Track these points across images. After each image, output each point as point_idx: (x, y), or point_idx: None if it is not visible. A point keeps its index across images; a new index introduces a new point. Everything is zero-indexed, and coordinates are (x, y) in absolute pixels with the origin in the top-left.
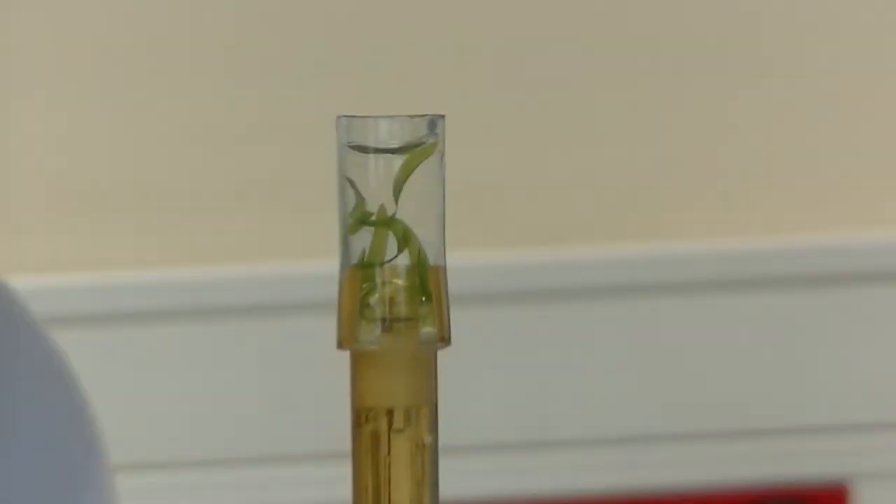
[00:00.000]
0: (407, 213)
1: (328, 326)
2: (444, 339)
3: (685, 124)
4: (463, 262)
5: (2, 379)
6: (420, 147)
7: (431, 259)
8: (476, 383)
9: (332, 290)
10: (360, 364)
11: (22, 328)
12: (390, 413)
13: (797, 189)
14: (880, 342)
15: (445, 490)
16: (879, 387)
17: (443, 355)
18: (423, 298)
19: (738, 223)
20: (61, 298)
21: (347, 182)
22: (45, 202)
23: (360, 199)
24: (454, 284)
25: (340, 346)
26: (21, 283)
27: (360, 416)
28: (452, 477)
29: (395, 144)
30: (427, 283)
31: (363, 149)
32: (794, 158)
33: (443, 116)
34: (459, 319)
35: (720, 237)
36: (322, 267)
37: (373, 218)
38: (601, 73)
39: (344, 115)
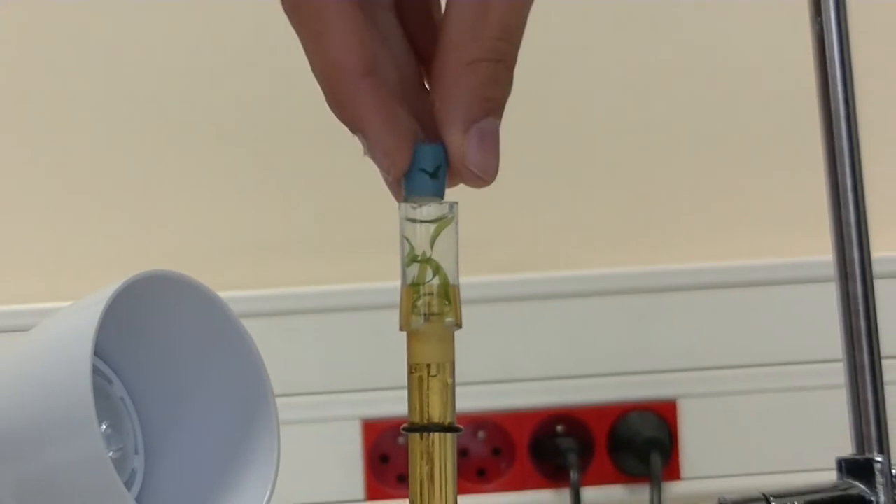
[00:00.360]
0: (437, 255)
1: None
2: (459, 325)
3: None
4: (464, 280)
5: (193, 344)
6: (444, 219)
7: (451, 280)
8: (473, 350)
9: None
10: (411, 339)
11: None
12: (428, 366)
13: None
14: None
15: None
16: (698, 340)
17: (457, 334)
18: (447, 302)
19: None
20: None
21: (405, 238)
22: None
23: (412, 248)
24: (463, 294)
25: (401, 328)
26: None
27: (411, 368)
28: (460, 400)
29: (430, 218)
30: (448, 293)
31: (413, 220)
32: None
33: (456, 203)
34: (466, 313)
35: None
36: (392, 286)
37: (419, 258)
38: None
39: (403, 202)
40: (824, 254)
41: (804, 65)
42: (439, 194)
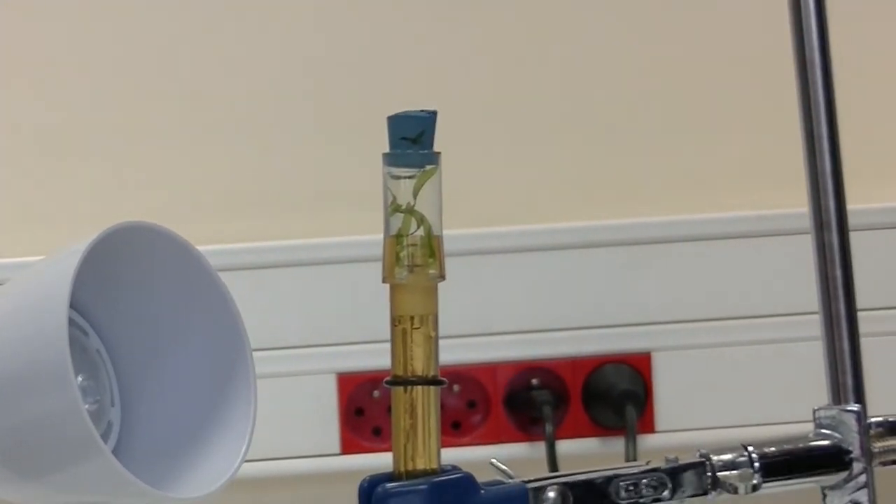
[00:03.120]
0: (421, 206)
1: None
2: (442, 277)
3: None
4: (447, 233)
5: (175, 298)
6: (427, 169)
7: (435, 231)
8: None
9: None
10: (395, 291)
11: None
12: (412, 318)
13: None
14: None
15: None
16: (673, 293)
17: (440, 285)
18: (431, 254)
19: None
20: None
21: (389, 190)
22: None
23: (395, 198)
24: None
25: (384, 280)
26: None
27: (395, 320)
28: (443, 353)
29: (414, 171)
30: (432, 245)
31: (396, 175)
32: None
33: (439, 153)
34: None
35: None
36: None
37: (402, 208)
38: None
39: (385, 153)
40: (800, 206)
41: (780, 20)
42: (426, 161)
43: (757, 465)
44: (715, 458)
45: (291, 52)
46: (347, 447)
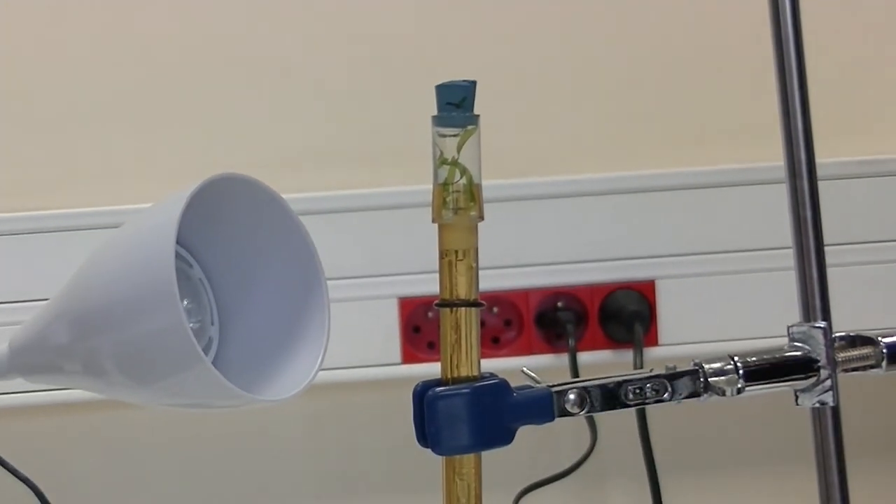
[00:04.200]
0: (464, 159)
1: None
2: (481, 218)
3: None
4: (486, 182)
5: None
6: (468, 129)
7: (475, 180)
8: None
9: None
10: (442, 229)
11: (269, 201)
12: (456, 252)
13: None
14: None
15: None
16: (673, 231)
17: (480, 225)
18: (472, 199)
19: None
20: None
21: (437, 147)
22: None
23: (442, 153)
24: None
25: (433, 221)
26: None
27: (442, 254)
28: (484, 281)
29: (457, 131)
30: (473, 192)
31: (443, 133)
32: None
33: (479, 115)
34: (487, 209)
35: None
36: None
37: (448, 161)
38: None
39: (433, 115)
40: (776, 160)
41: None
42: (468, 122)
43: (741, 372)
44: (707, 366)
45: (360, 34)
46: (407, 358)
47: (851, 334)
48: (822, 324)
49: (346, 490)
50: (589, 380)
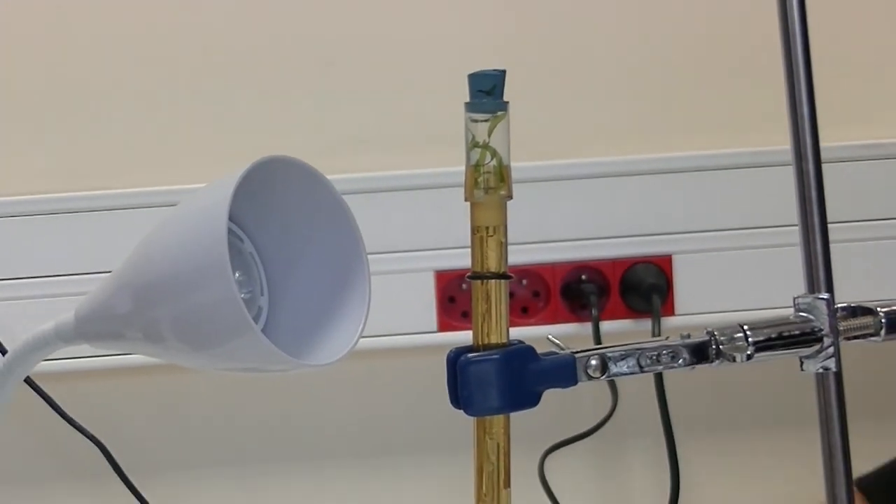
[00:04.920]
0: (494, 143)
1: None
2: (510, 196)
3: None
4: (515, 164)
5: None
6: (498, 115)
7: (504, 162)
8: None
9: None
10: (474, 207)
11: (317, 182)
12: (487, 228)
13: None
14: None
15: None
16: (689, 210)
17: (508, 204)
18: (501, 179)
19: None
20: None
21: (469, 131)
22: None
23: (474, 137)
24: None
25: (466, 199)
26: None
27: (474, 230)
28: (509, 255)
29: (488, 116)
30: (502, 172)
31: (475, 119)
32: None
33: (508, 102)
34: (516, 189)
35: None
36: (459, 168)
37: (479, 144)
38: None
39: (466, 102)
40: (784, 144)
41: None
42: (498, 108)
43: (750, 340)
44: (718, 334)
45: (396, 35)
46: (442, 326)
47: (853, 305)
48: (826, 295)
49: (384, 447)
50: (610, 346)
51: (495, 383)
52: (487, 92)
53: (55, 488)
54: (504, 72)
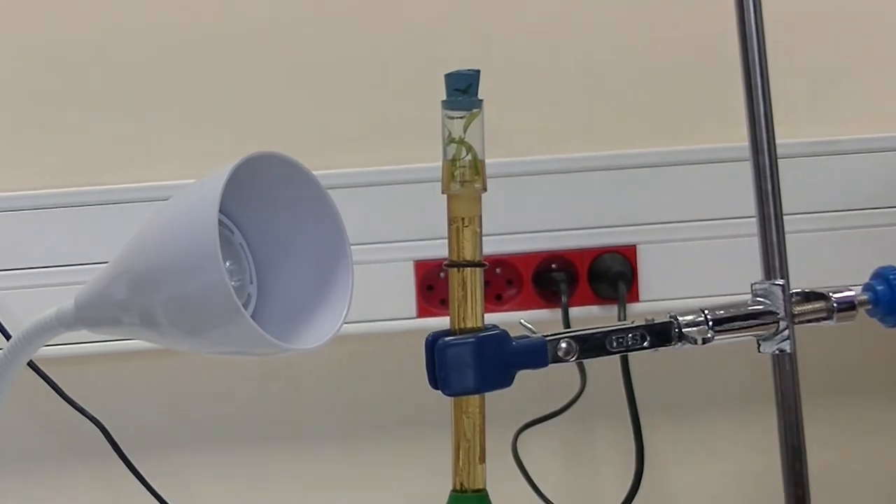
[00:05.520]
0: (469, 138)
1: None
2: (484, 189)
3: None
4: (490, 161)
5: (290, 206)
6: (473, 112)
7: (479, 157)
8: (493, 211)
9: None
10: (450, 199)
11: (304, 178)
12: (463, 219)
13: None
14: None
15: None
16: (652, 203)
17: (485, 197)
18: (476, 173)
19: None
20: None
21: (445, 127)
22: None
23: (450, 133)
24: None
25: (443, 192)
26: None
27: (450, 221)
28: (484, 245)
29: (464, 113)
30: (477, 167)
31: (451, 116)
32: None
33: (482, 100)
34: (491, 183)
35: None
36: (436, 164)
37: (456, 140)
38: None
39: (443, 100)
40: (742, 141)
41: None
42: (473, 106)
43: (710, 323)
44: (681, 318)
45: (385, 33)
46: (421, 313)
47: (806, 291)
48: (781, 282)
49: (368, 426)
50: (578, 330)
51: (471, 365)
52: (463, 90)
53: (58, 468)
54: (478, 71)
